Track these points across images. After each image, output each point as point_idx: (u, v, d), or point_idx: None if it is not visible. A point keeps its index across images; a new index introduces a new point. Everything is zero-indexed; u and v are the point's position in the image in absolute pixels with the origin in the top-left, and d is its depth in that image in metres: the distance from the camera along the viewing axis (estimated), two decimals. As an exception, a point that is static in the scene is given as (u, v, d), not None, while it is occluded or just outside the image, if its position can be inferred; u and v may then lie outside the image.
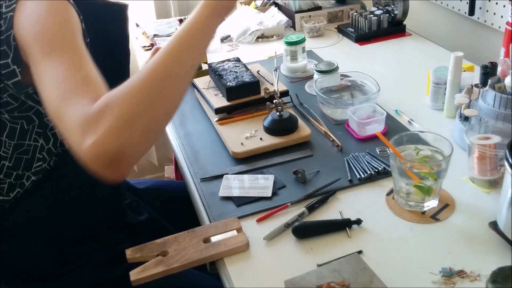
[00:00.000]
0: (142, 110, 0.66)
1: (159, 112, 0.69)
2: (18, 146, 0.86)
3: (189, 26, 0.74)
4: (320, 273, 0.76)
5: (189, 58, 0.73)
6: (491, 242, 0.83)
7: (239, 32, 1.77)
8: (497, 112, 1.01)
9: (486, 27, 1.52)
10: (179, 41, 0.72)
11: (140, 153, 0.69)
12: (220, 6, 0.75)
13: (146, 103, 0.67)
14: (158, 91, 0.68)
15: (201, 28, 0.74)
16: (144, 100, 0.67)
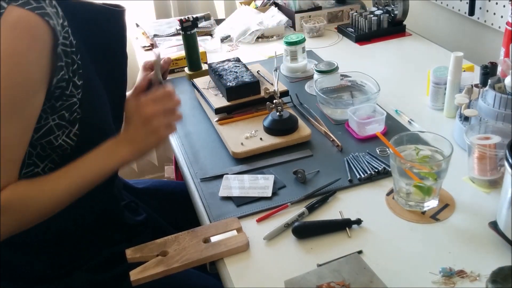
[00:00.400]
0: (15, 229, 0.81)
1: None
2: None
3: (99, 171, 0.87)
4: (320, 273, 0.76)
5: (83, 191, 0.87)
6: (491, 242, 0.83)
7: (239, 32, 1.77)
8: (497, 112, 1.01)
9: (486, 27, 1.52)
10: (86, 179, 0.86)
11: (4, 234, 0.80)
12: (129, 162, 0.89)
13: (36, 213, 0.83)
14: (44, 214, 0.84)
15: (105, 175, 0.88)
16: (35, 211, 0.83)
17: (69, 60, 0.83)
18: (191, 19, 1.45)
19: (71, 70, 0.84)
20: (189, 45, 1.47)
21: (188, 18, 1.45)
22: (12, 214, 0.79)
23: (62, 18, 0.81)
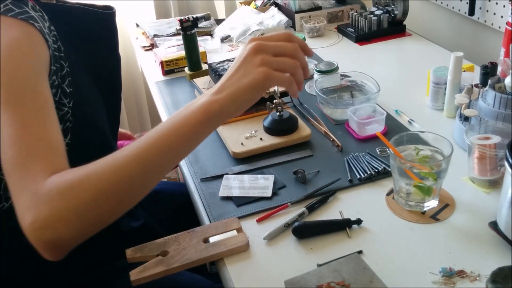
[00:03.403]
0: (94, 209, 0.63)
1: (110, 213, 0.65)
2: None
3: (179, 126, 0.66)
4: (320, 273, 0.76)
5: (168, 161, 0.67)
6: (491, 242, 0.83)
7: (239, 32, 1.77)
8: (497, 112, 1.01)
9: (486, 27, 1.52)
10: (162, 139, 0.66)
11: (77, 242, 0.65)
12: (221, 115, 0.67)
13: (100, 203, 0.63)
14: (119, 193, 0.64)
15: (190, 134, 0.66)
16: (100, 200, 0.63)
17: (58, 65, 0.81)
18: (191, 19, 1.45)
19: (60, 75, 0.81)
20: (189, 45, 1.47)
21: (188, 18, 1.45)
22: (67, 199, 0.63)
23: (48, 22, 0.79)
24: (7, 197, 0.85)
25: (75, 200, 0.62)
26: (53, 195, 0.62)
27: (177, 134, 0.66)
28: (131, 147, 0.66)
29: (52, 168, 0.65)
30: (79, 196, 0.62)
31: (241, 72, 0.68)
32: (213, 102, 0.66)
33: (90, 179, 0.63)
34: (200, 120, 0.66)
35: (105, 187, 0.63)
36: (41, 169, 0.64)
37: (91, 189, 0.62)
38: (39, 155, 0.66)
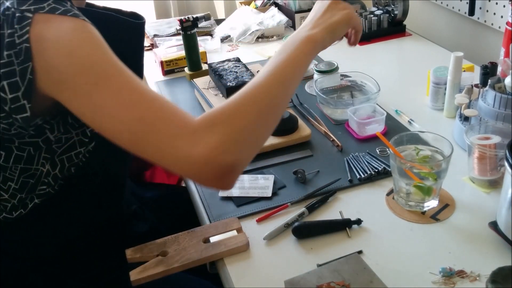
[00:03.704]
0: (253, 126, 0.71)
1: (264, 129, 0.75)
2: (25, 170, 0.83)
3: (290, 59, 0.78)
4: (320, 273, 0.76)
5: (289, 85, 0.77)
6: (491, 242, 0.83)
7: (239, 32, 1.77)
8: (497, 112, 1.01)
9: (486, 27, 1.52)
10: (281, 70, 0.76)
11: (245, 166, 0.73)
12: (322, 43, 0.81)
13: (255, 121, 0.72)
14: (266, 111, 0.73)
15: (301, 63, 0.79)
16: (254, 118, 0.71)
17: None
18: (191, 19, 1.45)
19: None
20: (189, 45, 1.47)
21: (188, 18, 1.45)
22: (233, 124, 0.69)
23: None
24: (25, 205, 0.86)
25: (240, 124, 0.69)
26: (217, 124, 0.68)
27: (295, 62, 0.78)
28: (262, 76, 0.75)
29: (189, 114, 0.71)
30: (242, 121, 0.70)
31: (328, 14, 0.84)
32: (314, 35, 0.81)
33: (247, 106, 0.72)
34: (308, 49, 0.80)
35: (261, 109, 0.72)
36: (183, 114, 0.72)
37: (251, 112, 0.71)
38: (169, 105, 0.72)
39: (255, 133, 0.73)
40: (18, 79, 0.71)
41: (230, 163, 0.68)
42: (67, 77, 0.69)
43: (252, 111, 0.71)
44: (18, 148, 0.81)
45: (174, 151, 0.68)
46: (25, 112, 0.73)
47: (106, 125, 0.70)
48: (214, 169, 0.67)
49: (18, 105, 0.73)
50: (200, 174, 0.67)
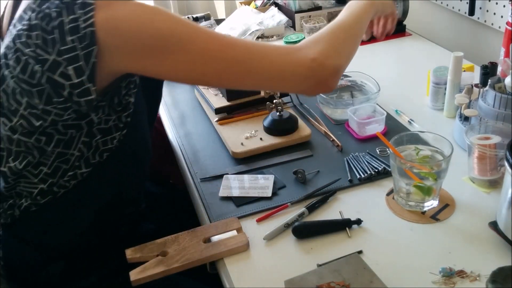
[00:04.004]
0: (344, 44, 0.90)
1: (351, 49, 0.94)
2: (61, 155, 0.85)
3: (360, 15, 0.96)
4: (320, 273, 0.76)
5: (358, 29, 0.96)
6: (491, 242, 0.83)
7: (239, 32, 1.77)
8: (497, 112, 1.01)
9: (486, 27, 1.52)
10: (351, 17, 0.95)
11: (344, 70, 0.91)
12: (375, 11, 1.02)
13: (345, 41, 0.91)
14: (350, 35, 0.93)
15: (364, 19, 0.98)
16: (344, 37, 0.91)
17: None
18: (191, 19, 1.45)
19: None
20: (189, 45, 1.47)
21: (188, 18, 1.45)
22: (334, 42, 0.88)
23: None
24: (53, 191, 0.88)
25: (335, 40, 0.88)
26: (318, 41, 0.86)
27: (360, 19, 0.97)
28: (339, 20, 0.94)
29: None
30: (336, 39, 0.89)
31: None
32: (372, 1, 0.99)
33: (336, 30, 0.91)
34: (368, 11, 0.98)
35: (347, 33, 0.92)
36: (294, 46, 0.86)
37: (340, 34, 0.91)
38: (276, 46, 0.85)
39: (347, 47, 0.91)
40: (83, 63, 0.74)
41: (334, 65, 0.84)
42: (153, 42, 0.75)
43: (341, 33, 0.90)
44: (60, 132, 0.82)
45: (285, 67, 0.81)
46: (89, 95, 0.77)
47: (210, 69, 0.78)
48: (323, 73, 0.83)
49: (84, 88, 0.76)
50: (312, 80, 0.83)
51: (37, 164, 0.85)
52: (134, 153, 0.95)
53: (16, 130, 0.81)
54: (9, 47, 0.77)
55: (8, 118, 0.81)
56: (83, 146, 0.85)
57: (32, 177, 0.86)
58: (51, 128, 0.81)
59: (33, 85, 0.76)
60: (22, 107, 0.78)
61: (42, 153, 0.83)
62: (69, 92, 0.76)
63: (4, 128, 0.82)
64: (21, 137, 0.82)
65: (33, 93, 0.76)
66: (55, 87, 0.76)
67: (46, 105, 0.77)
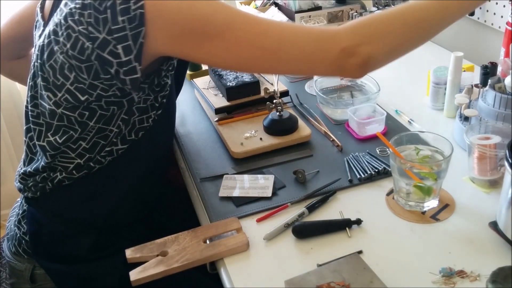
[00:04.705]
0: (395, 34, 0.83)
1: (403, 41, 0.87)
2: (101, 130, 0.89)
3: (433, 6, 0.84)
4: (320, 273, 0.76)
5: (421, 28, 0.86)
6: (491, 242, 0.83)
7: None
8: (497, 112, 1.01)
9: (486, 27, 1.52)
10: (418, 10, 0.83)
11: (380, 63, 0.86)
12: (462, 13, 0.87)
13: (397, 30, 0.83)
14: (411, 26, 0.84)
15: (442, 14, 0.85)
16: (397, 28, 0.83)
17: None
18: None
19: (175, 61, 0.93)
20: (189, 45, 1.47)
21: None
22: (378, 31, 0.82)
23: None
24: (89, 166, 0.92)
25: (386, 31, 0.82)
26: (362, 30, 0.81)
27: (439, 9, 0.83)
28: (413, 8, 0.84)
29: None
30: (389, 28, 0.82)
31: None
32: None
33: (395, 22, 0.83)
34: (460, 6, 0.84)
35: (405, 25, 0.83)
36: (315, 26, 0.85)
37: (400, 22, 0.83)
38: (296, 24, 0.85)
39: (398, 38, 0.84)
40: (131, 43, 0.78)
41: (366, 56, 0.80)
42: (193, 27, 0.78)
43: (397, 22, 0.82)
44: (103, 108, 0.86)
45: (314, 56, 0.80)
46: (135, 73, 0.81)
47: (243, 57, 0.80)
48: (351, 63, 0.80)
49: (130, 66, 0.80)
50: (339, 68, 0.81)
51: (77, 139, 0.89)
52: (164, 132, 1.00)
53: (60, 105, 0.85)
54: (60, 24, 0.80)
55: (53, 93, 0.85)
56: (122, 123, 0.90)
57: (70, 151, 0.90)
58: (94, 104, 0.85)
59: (82, 60, 0.80)
60: (69, 82, 0.82)
61: (84, 128, 0.87)
62: (116, 70, 0.80)
63: (49, 103, 0.86)
64: (65, 111, 0.86)
65: (82, 68, 0.80)
66: (103, 64, 0.79)
67: (93, 80, 0.81)
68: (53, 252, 0.99)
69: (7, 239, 1.08)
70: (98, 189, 0.96)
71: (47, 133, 0.89)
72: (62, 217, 0.98)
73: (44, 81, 0.85)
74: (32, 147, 0.96)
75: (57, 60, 0.82)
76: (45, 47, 0.84)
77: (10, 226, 1.07)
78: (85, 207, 0.97)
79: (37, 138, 0.91)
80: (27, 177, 0.96)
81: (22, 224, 1.01)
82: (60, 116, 0.86)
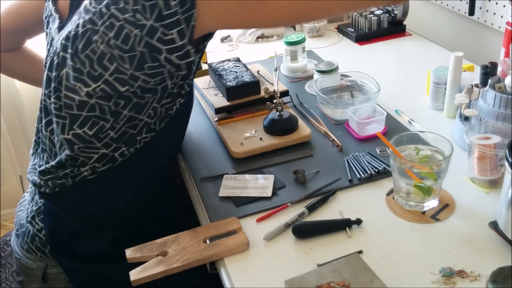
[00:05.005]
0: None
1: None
2: (132, 119, 0.88)
3: None
4: (320, 273, 0.76)
5: None
6: (491, 242, 0.83)
7: (239, 32, 1.77)
8: (497, 112, 1.01)
9: (486, 27, 1.52)
10: None
11: None
12: None
13: None
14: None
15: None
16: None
17: None
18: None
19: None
20: (189, 45, 1.47)
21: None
22: None
23: None
24: (114, 158, 0.91)
25: None
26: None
27: None
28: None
29: None
30: None
31: None
32: None
33: None
34: None
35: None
36: None
37: None
38: None
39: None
40: (184, 27, 0.78)
41: None
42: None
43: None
44: (138, 96, 0.86)
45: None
46: (189, 57, 0.81)
47: (302, 8, 0.80)
48: None
49: (185, 51, 0.80)
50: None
51: (107, 129, 0.88)
52: (182, 121, 1.01)
53: (94, 95, 0.83)
54: (100, 13, 0.79)
55: (86, 84, 0.83)
56: (152, 112, 0.89)
57: (97, 141, 0.88)
58: (130, 92, 0.84)
59: (125, 50, 0.79)
60: (108, 72, 0.81)
61: (117, 117, 0.86)
62: (166, 57, 0.80)
63: (80, 94, 0.84)
64: (100, 100, 0.84)
65: (125, 58, 0.79)
66: (151, 52, 0.79)
67: (135, 71, 0.80)
68: (71, 249, 0.98)
69: (16, 236, 1.06)
70: (117, 183, 0.95)
71: (72, 125, 0.87)
72: (81, 213, 0.97)
73: (75, 72, 0.83)
74: (53, 140, 0.93)
75: (95, 50, 0.80)
76: (79, 36, 0.81)
77: (20, 222, 1.05)
78: (104, 202, 0.96)
79: (61, 131, 0.88)
80: (48, 171, 0.94)
81: (36, 220, 1.00)
82: (92, 107, 0.84)
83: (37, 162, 0.99)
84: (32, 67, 1.22)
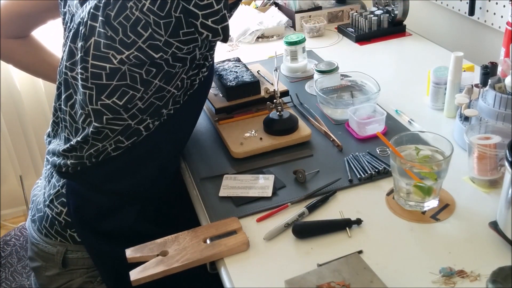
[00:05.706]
0: None
1: None
2: (160, 90, 0.88)
3: None
4: (320, 273, 0.76)
5: None
6: (491, 242, 0.83)
7: (239, 32, 1.77)
8: (497, 112, 1.01)
9: (486, 27, 1.52)
10: None
11: None
12: None
13: None
14: None
15: None
16: None
17: None
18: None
19: None
20: (189, 45, 1.47)
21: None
22: None
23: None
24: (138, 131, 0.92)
25: None
26: None
27: None
28: None
29: None
30: None
31: None
32: None
33: None
34: None
35: None
36: None
37: None
38: None
39: None
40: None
41: None
42: None
43: None
44: (169, 64, 0.86)
45: None
46: (225, 21, 0.81)
47: None
48: None
49: (221, 15, 0.80)
50: None
51: (134, 98, 0.87)
52: (204, 95, 1.01)
53: (126, 62, 0.83)
54: None
55: (119, 51, 0.82)
56: (180, 83, 0.90)
57: (124, 112, 0.88)
58: (162, 59, 0.84)
59: (161, 16, 0.78)
60: (141, 39, 0.80)
61: (147, 86, 0.86)
62: (202, 23, 0.79)
63: (113, 62, 0.83)
64: (132, 67, 0.83)
65: (160, 24, 0.79)
66: (188, 17, 0.79)
67: (170, 37, 0.80)
68: (96, 227, 0.97)
69: (32, 221, 1.05)
70: (141, 159, 0.95)
71: (100, 95, 0.86)
72: (106, 190, 0.97)
73: (108, 39, 0.81)
74: (74, 115, 0.92)
75: (129, 17, 0.79)
76: (111, 4, 0.80)
77: (37, 207, 1.04)
78: (128, 178, 0.97)
79: (90, 102, 0.87)
80: (72, 148, 0.92)
81: (55, 204, 0.99)
82: (123, 75, 0.84)
83: (57, 143, 0.98)
84: (37, 58, 1.21)
